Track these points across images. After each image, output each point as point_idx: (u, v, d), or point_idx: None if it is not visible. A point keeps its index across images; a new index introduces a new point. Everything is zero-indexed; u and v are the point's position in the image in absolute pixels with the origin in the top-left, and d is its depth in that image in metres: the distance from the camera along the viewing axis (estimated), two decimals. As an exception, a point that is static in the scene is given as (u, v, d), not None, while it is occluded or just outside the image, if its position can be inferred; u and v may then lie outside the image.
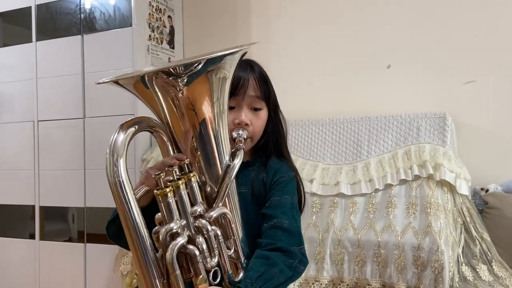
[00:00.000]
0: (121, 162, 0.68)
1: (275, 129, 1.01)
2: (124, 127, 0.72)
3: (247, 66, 0.96)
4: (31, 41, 2.31)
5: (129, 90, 0.76)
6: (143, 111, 0.82)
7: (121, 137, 0.70)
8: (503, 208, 1.66)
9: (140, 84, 0.74)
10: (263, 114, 0.97)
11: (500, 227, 1.64)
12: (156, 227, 0.73)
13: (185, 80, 0.72)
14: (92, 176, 2.17)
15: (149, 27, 2.19)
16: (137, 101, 2.07)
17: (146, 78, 0.72)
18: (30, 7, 2.31)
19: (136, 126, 0.74)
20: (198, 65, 0.71)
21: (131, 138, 0.72)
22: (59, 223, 2.29)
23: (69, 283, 2.21)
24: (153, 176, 0.73)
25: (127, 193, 0.69)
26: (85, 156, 2.19)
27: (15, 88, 2.36)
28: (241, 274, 0.80)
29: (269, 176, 0.95)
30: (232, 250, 0.79)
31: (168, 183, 0.74)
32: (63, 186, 2.24)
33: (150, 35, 2.20)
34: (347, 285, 1.53)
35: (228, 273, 0.77)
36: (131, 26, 2.09)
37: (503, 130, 1.87)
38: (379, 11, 2.07)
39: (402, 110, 1.84)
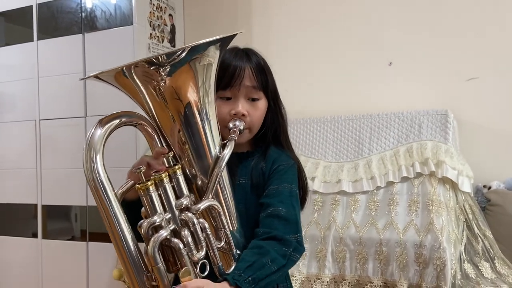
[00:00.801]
0: (98, 158, 0.68)
1: (274, 120, 0.98)
2: (102, 122, 0.72)
3: (243, 55, 0.94)
4: (32, 40, 2.31)
5: (113, 85, 0.76)
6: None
7: (98, 132, 0.70)
8: (505, 205, 1.66)
9: (121, 77, 0.73)
10: (261, 104, 0.95)
11: (502, 224, 1.64)
12: (141, 221, 0.73)
13: (168, 70, 0.71)
14: (94, 174, 2.17)
15: (150, 25, 2.19)
16: (138, 100, 2.07)
17: (125, 71, 0.71)
18: (31, 6, 2.31)
19: (116, 121, 0.73)
20: (181, 53, 0.70)
21: (109, 134, 0.71)
22: (61, 222, 2.30)
23: (71, 281, 2.21)
24: (133, 170, 0.73)
25: (105, 189, 0.69)
26: (86, 154, 2.18)
27: (16, 87, 2.37)
28: (233, 266, 0.79)
29: (268, 165, 0.94)
30: (223, 242, 0.79)
31: (151, 177, 0.73)
32: (65, 184, 2.24)
33: (151, 34, 2.19)
34: (349, 282, 1.53)
35: (218, 265, 0.77)
36: (132, 24, 2.09)
37: (505, 127, 1.86)
38: (381, 8, 2.06)
39: (404, 108, 1.83)
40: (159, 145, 0.80)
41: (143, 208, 0.75)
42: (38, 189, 2.30)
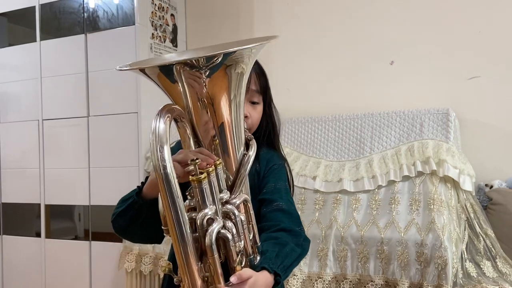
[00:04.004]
0: (165, 148, 0.70)
1: (269, 122, 1.04)
2: (162, 112, 0.73)
3: None
4: (35, 41, 2.33)
5: (149, 77, 0.78)
6: (147, 109, 0.83)
7: (162, 123, 0.72)
8: (507, 204, 1.65)
9: (162, 75, 0.76)
10: (260, 107, 1.01)
11: (504, 223, 1.63)
12: (190, 213, 0.75)
13: (208, 72, 0.75)
14: (97, 174, 2.18)
15: (152, 25, 2.20)
16: (140, 99, 2.08)
17: (174, 71, 0.74)
18: (34, 7, 2.33)
19: (169, 115, 0.74)
20: (218, 58, 0.73)
21: (170, 124, 0.73)
22: (65, 221, 2.31)
23: (74, 280, 2.23)
24: (189, 162, 0.75)
25: (170, 178, 0.69)
26: (89, 154, 2.20)
27: (19, 87, 2.38)
28: (258, 257, 0.82)
29: (262, 165, 0.99)
30: (252, 235, 0.81)
31: (202, 170, 0.75)
32: (68, 184, 2.26)
33: (153, 34, 2.20)
34: (350, 281, 1.53)
35: (250, 257, 0.80)
36: (134, 24, 2.10)
37: (507, 126, 1.86)
38: (383, 7, 2.06)
39: (405, 106, 1.83)
40: (193, 141, 0.83)
41: (186, 201, 0.76)
42: (41, 188, 2.32)
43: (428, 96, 1.93)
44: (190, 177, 0.74)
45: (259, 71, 0.99)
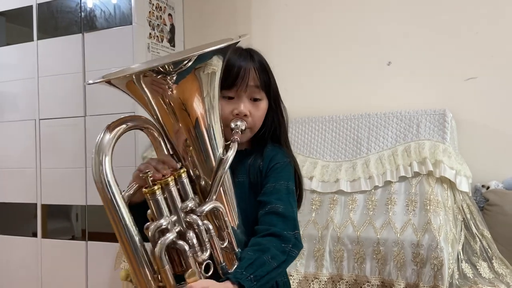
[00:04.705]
0: (107, 161, 0.70)
1: (275, 120, 1.00)
2: (110, 127, 0.74)
3: (247, 55, 0.95)
4: (32, 40, 2.32)
5: (119, 89, 0.77)
6: (143, 109, 0.83)
7: (107, 137, 0.72)
8: (504, 205, 1.65)
9: (130, 83, 0.75)
10: (263, 104, 0.96)
11: (500, 224, 1.63)
12: (147, 223, 0.74)
13: (174, 78, 0.73)
14: (93, 174, 2.18)
15: (150, 25, 2.20)
16: (137, 99, 2.07)
17: (134, 78, 0.73)
18: (31, 6, 2.32)
19: (123, 126, 0.75)
20: (187, 62, 0.71)
21: (117, 138, 0.73)
22: (62, 222, 2.31)
23: (71, 280, 2.22)
24: (140, 175, 0.74)
25: (112, 191, 0.69)
26: (86, 154, 2.19)
27: (16, 87, 2.38)
28: (235, 264, 0.80)
29: (265, 163, 0.95)
30: (226, 242, 0.80)
31: (157, 181, 0.74)
32: (65, 184, 2.25)
33: (150, 33, 2.20)
34: (347, 282, 1.53)
35: (221, 264, 0.78)
36: (132, 24, 2.09)
37: (504, 127, 1.86)
38: (380, 8, 2.06)
39: (402, 107, 1.83)
40: (165, 149, 0.81)
41: (149, 211, 0.76)
42: (38, 188, 2.31)
43: (425, 97, 1.93)
44: (143, 189, 0.73)
45: (259, 67, 0.95)
